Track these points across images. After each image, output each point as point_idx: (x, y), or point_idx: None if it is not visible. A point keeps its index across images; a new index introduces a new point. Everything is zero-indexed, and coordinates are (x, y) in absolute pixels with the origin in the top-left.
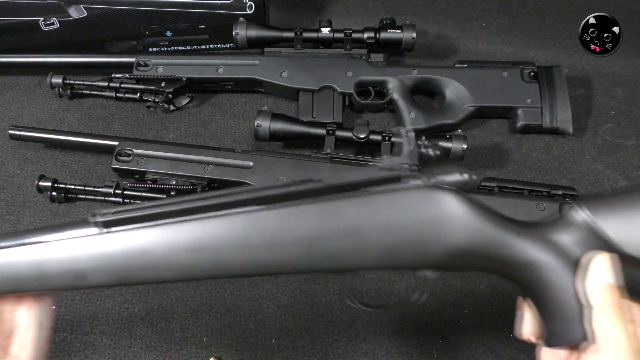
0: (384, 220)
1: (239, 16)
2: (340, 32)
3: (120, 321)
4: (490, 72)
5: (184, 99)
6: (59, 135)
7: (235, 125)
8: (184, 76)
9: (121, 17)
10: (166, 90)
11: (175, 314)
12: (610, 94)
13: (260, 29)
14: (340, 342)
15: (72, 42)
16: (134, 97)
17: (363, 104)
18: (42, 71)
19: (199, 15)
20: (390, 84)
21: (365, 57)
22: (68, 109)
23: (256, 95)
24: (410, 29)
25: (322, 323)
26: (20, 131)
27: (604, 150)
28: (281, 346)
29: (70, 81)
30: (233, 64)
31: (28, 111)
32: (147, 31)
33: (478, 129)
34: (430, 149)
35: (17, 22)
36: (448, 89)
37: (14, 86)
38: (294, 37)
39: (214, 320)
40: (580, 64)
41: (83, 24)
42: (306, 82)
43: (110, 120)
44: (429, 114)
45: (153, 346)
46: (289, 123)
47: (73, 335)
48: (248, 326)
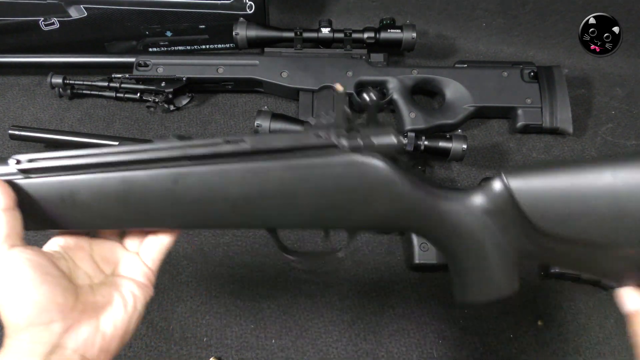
0: (310, 184)
1: (239, 16)
2: (340, 32)
3: None
4: (490, 72)
5: (184, 99)
6: (59, 135)
7: (235, 125)
8: (184, 76)
9: (121, 17)
10: (166, 90)
11: (175, 314)
12: (610, 94)
13: (260, 29)
14: (340, 342)
15: (72, 42)
16: (134, 97)
17: (363, 104)
18: (42, 71)
19: (199, 15)
20: (390, 84)
21: (365, 57)
22: (68, 109)
23: (256, 95)
24: (410, 29)
25: (322, 323)
26: (20, 131)
27: (604, 150)
28: (281, 346)
29: (70, 81)
30: (233, 64)
31: (28, 111)
32: (147, 31)
33: (478, 129)
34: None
35: (17, 22)
36: (448, 89)
37: (14, 86)
38: (294, 37)
39: (214, 320)
40: (580, 64)
41: (83, 24)
42: (306, 82)
43: (110, 120)
44: (429, 114)
45: (153, 346)
46: (289, 123)
47: None
48: (248, 326)
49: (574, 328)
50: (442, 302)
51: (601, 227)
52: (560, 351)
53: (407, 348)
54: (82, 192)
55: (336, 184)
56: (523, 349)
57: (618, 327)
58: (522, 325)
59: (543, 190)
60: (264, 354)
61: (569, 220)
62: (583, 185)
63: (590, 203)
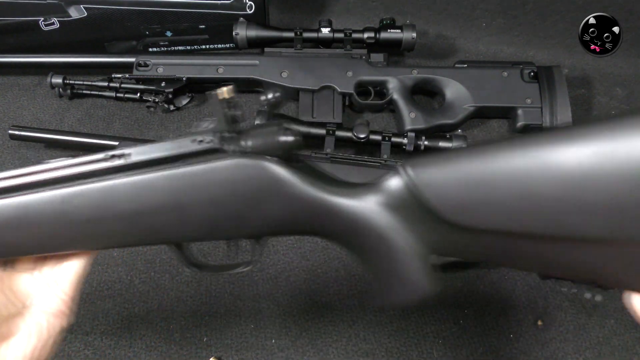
0: (198, 193)
1: (239, 16)
2: (340, 32)
3: (120, 321)
4: (490, 72)
5: (184, 99)
6: (59, 135)
7: None
8: (184, 76)
9: (121, 17)
10: (166, 90)
11: (175, 314)
12: (610, 94)
13: (260, 29)
14: (340, 342)
15: (72, 42)
16: (134, 97)
17: (363, 104)
18: (42, 71)
19: (199, 15)
20: (390, 84)
21: (365, 57)
22: (68, 109)
23: (256, 95)
24: (410, 29)
25: (322, 323)
26: (20, 131)
27: None
28: (281, 346)
29: (70, 81)
30: (233, 64)
31: (28, 111)
32: (147, 31)
33: (478, 129)
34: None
35: (17, 22)
36: (448, 89)
37: (14, 86)
38: (294, 37)
39: (214, 320)
40: (580, 64)
41: (83, 24)
42: (306, 82)
43: (110, 120)
44: (429, 114)
45: (153, 346)
46: (289, 123)
47: (73, 335)
48: (248, 326)
49: (574, 328)
50: (442, 302)
51: (513, 215)
52: (560, 351)
53: (407, 348)
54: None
55: (225, 190)
56: (523, 349)
57: (618, 327)
58: (522, 325)
59: (448, 179)
60: (264, 354)
61: (478, 209)
62: (488, 170)
63: (498, 188)
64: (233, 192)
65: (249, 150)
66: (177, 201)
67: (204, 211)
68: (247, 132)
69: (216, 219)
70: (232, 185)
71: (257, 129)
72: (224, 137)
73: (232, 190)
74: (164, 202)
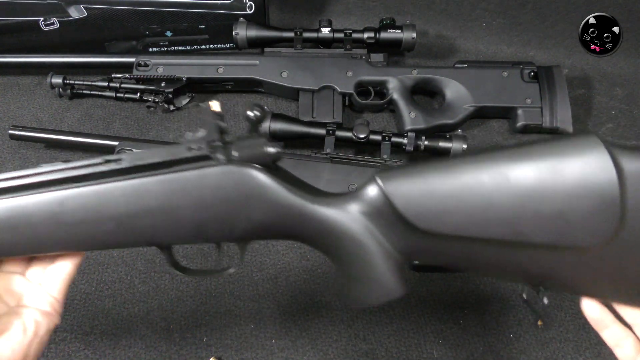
0: (189, 197)
1: (239, 16)
2: (340, 32)
3: (120, 321)
4: (490, 72)
5: (184, 99)
6: (59, 135)
7: (235, 125)
8: (184, 76)
9: (121, 17)
10: (166, 90)
11: (175, 314)
12: (610, 94)
13: (260, 29)
14: (340, 342)
15: (72, 42)
16: (134, 97)
17: (363, 104)
18: (42, 71)
19: (199, 15)
20: (390, 84)
21: (365, 57)
22: (68, 109)
23: (256, 95)
24: (410, 29)
25: (322, 323)
26: (20, 131)
27: None
28: (281, 346)
29: (70, 81)
30: (233, 64)
31: (28, 111)
32: (147, 31)
33: (478, 129)
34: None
35: (17, 22)
36: (448, 89)
37: (14, 86)
38: (294, 37)
39: (214, 320)
40: (580, 64)
41: (83, 24)
42: (306, 82)
43: (110, 120)
44: (429, 114)
45: (153, 346)
46: (289, 123)
47: (73, 335)
48: (248, 326)
49: (574, 328)
50: (442, 302)
51: (475, 222)
52: (560, 351)
53: (407, 348)
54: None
55: (214, 195)
56: (523, 349)
57: None
58: (522, 325)
59: (416, 190)
60: (264, 353)
61: (444, 217)
62: (453, 183)
63: (462, 199)
64: (221, 197)
65: (237, 158)
66: (168, 204)
67: (193, 214)
68: (235, 141)
69: (205, 222)
70: (220, 191)
71: (245, 139)
72: (214, 146)
73: (220, 195)
74: (157, 205)
